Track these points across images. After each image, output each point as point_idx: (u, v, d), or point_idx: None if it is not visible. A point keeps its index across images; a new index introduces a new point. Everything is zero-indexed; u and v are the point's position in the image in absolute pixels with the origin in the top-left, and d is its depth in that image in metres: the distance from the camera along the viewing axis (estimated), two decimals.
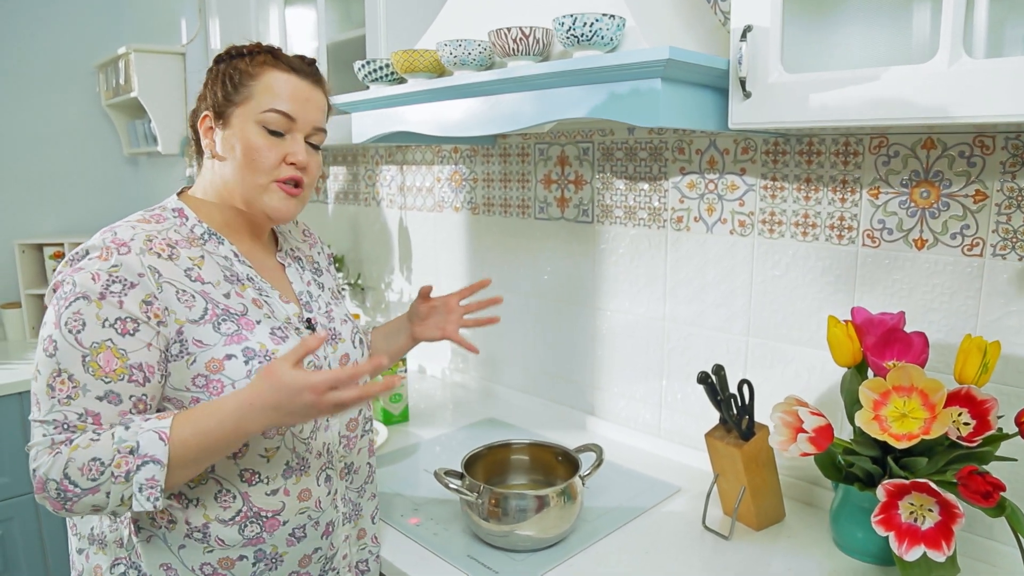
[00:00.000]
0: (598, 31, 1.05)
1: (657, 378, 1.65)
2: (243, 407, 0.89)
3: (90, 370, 0.90)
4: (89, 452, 0.87)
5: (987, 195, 1.14)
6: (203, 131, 1.06)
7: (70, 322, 0.90)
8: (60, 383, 0.90)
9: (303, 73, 1.06)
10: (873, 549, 1.17)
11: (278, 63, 1.04)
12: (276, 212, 1.06)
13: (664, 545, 1.26)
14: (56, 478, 0.87)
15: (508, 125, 1.22)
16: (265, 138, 1.02)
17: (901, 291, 1.25)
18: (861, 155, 1.27)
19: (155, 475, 0.87)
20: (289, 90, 1.03)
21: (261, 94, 1.02)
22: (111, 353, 0.91)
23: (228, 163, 1.04)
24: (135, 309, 0.92)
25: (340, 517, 1.12)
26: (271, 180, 1.04)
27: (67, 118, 3.00)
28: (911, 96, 0.92)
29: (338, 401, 0.89)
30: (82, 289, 0.91)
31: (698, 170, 1.50)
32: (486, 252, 2.02)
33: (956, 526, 0.91)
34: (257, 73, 1.03)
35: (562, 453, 1.37)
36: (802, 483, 1.41)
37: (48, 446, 0.89)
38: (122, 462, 0.87)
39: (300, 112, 1.04)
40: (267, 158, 1.03)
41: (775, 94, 1.04)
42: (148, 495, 0.88)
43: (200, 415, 0.91)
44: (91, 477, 0.87)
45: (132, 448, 0.87)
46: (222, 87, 1.04)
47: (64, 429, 0.90)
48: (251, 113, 1.02)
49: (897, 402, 0.98)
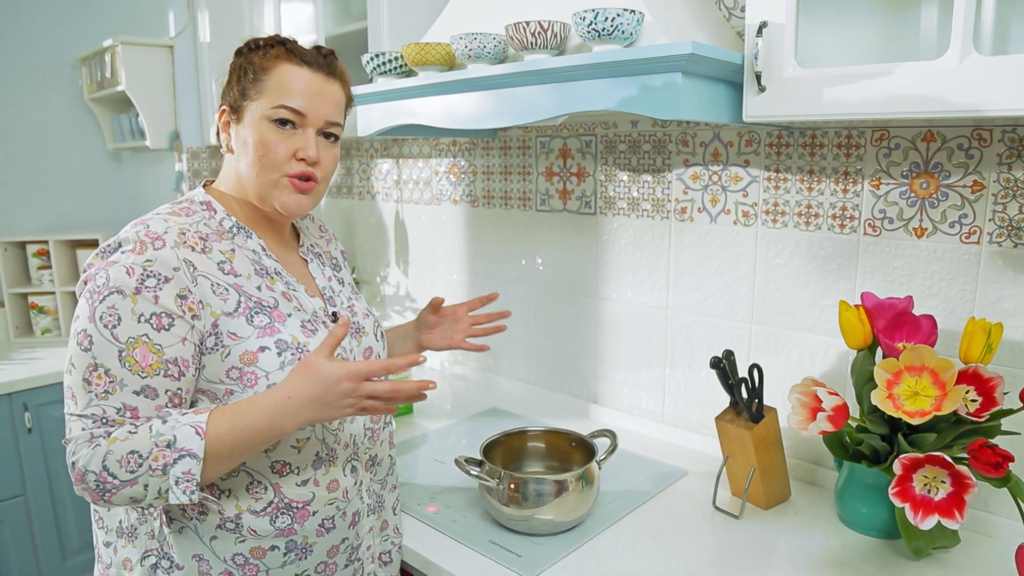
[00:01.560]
0: (619, 26, 1.09)
1: (660, 366, 1.69)
2: (281, 402, 0.91)
3: (127, 365, 0.91)
4: (127, 445, 0.89)
5: (984, 185, 1.20)
6: (221, 126, 1.07)
7: (105, 316, 0.91)
8: (97, 378, 0.91)
9: (316, 66, 1.05)
10: (877, 523, 1.23)
11: (291, 56, 1.04)
12: (286, 207, 1.06)
13: (678, 526, 1.30)
14: (95, 470, 0.88)
15: (525, 117, 1.24)
16: (275, 133, 1.02)
17: (901, 278, 1.30)
18: (863, 147, 1.32)
19: (191, 469, 0.89)
20: (301, 84, 1.03)
21: (273, 89, 1.02)
22: (147, 348, 0.92)
23: (242, 158, 1.05)
24: (170, 304, 0.93)
25: (365, 508, 1.14)
26: (282, 175, 1.04)
27: (49, 113, 2.94)
28: (923, 91, 0.96)
29: (373, 391, 0.93)
30: (116, 283, 0.91)
31: (702, 162, 1.54)
32: (486, 244, 2.05)
33: (968, 496, 0.97)
34: (270, 67, 1.03)
35: (577, 439, 1.40)
36: (806, 463, 1.46)
37: (87, 440, 0.90)
38: (159, 455, 0.88)
39: (311, 106, 1.03)
40: (277, 153, 1.02)
41: (789, 88, 1.08)
42: (184, 488, 0.89)
43: (237, 411, 0.92)
44: (129, 469, 0.88)
45: (169, 442, 0.89)
46: (238, 82, 1.05)
47: (103, 423, 0.91)
48: (263, 108, 1.02)
49: (909, 381, 1.04)
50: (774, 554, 1.21)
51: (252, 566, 1.02)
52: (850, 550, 1.21)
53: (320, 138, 1.06)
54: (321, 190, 1.10)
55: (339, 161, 2.46)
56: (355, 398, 0.93)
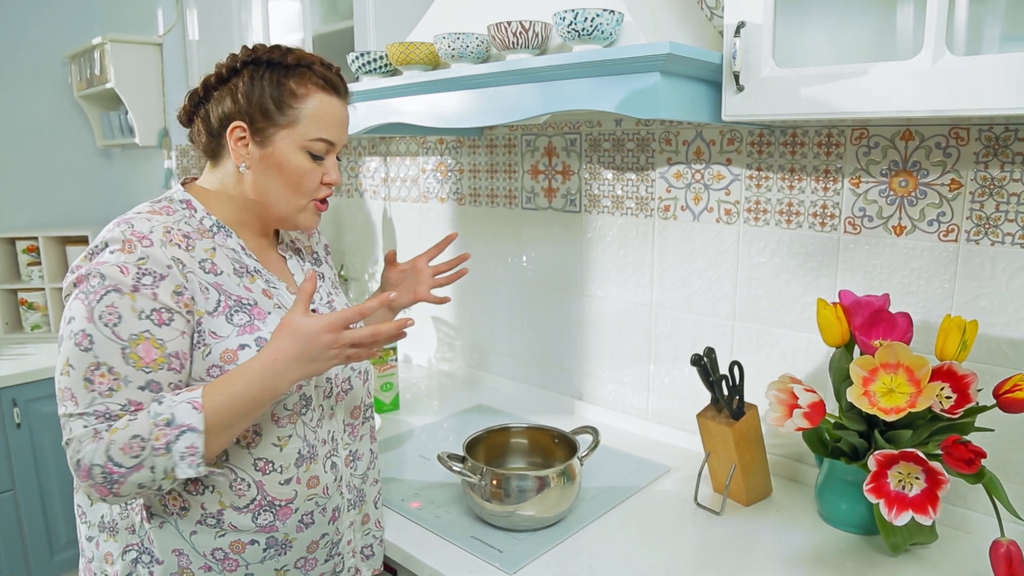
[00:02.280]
0: (599, 26, 1.09)
1: (644, 363, 1.70)
2: (267, 366, 0.93)
3: (130, 362, 0.92)
4: (129, 431, 0.89)
5: (962, 184, 1.21)
6: (232, 139, 1.03)
7: (104, 315, 0.91)
8: (100, 376, 0.91)
9: (341, 93, 1.08)
10: (857, 520, 1.24)
11: (326, 87, 1.05)
12: (309, 227, 1.11)
13: (659, 522, 1.31)
14: (100, 462, 0.89)
15: (507, 116, 1.25)
16: (310, 163, 1.05)
17: (881, 275, 1.31)
18: (843, 146, 1.33)
19: (194, 442, 0.90)
20: (335, 116, 1.06)
21: (308, 119, 1.03)
22: (150, 344, 0.93)
23: (267, 180, 1.05)
24: (168, 300, 0.94)
25: (345, 504, 1.15)
26: (310, 200, 1.08)
27: (38, 110, 2.94)
28: (897, 91, 0.97)
29: (353, 339, 0.95)
30: (113, 282, 0.92)
31: (685, 160, 1.55)
32: (473, 242, 2.05)
33: (941, 492, 0.98)
34: (304, 95, 1.03)
35: (559, 436, 1.41)
36: (787, 460, 1.47)
37: (91, 436, 0.91)
38: (160, 435, 0.89)
39: (340, 136, 1.08)
40: (311, 182, 1.06)
41: (767, 88, 1.09)
42: (189, 462, 0.90)
43: (228, 382, 0.94)
44: (133, 455, 0.89)
45: (168, 420, 0.90)
46: (259, 99, 1.02)
47: (106, 419, 0.91)
48: (298, 138, 1.03)
49: (885, 378, 1.05)
50: (754, 550, 1.22)
51: (232, 560, 1.02)
52: (830, 546, 1.22)
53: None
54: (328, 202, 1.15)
55: None
56: (337, 348, 0.95)
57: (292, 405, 1.04)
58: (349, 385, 1.16)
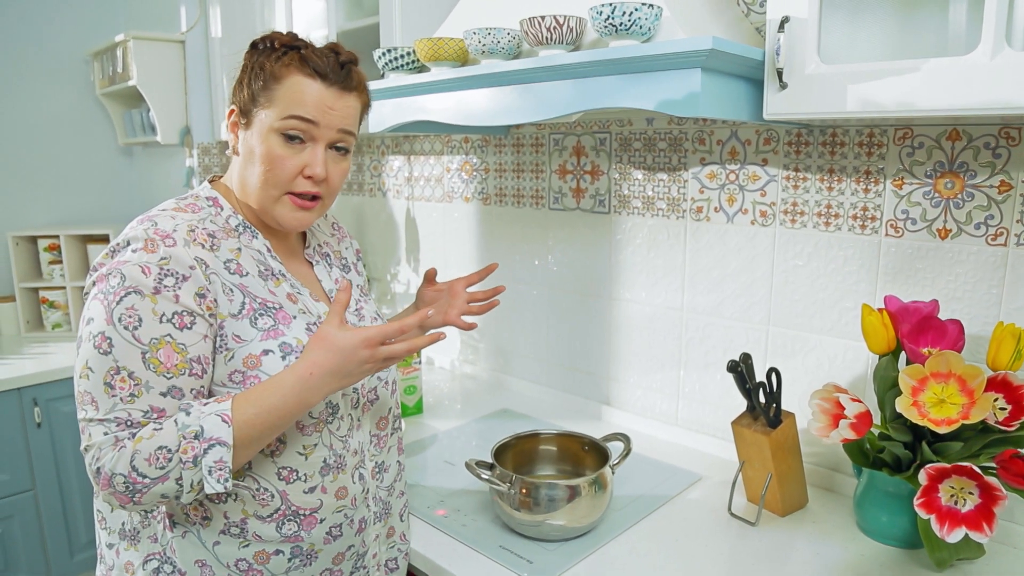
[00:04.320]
0: (636, 20, 1.06)
1: (674, 368, 1.66)
2: (303, 379, 0.91)
3: (151, 367, 0.89)
4: (155, 441, 0.87)
5: (1012, 186, 1.16)
6: (229, 125, 1.03)
7: (124, 318, 0.88)
8: (120, 381, 0.88)
9: (332, 78, 0.98)
10: (898, 532, 1.19)
11: (304, 66, 0.97)
12: (287, 223, 1.03)
13: (692, 532, 1.28)
14: (123, 472, 0.86)
15: (540, 114, 1.21)
16: (283, 147, 0.98)
17: (924, 280, 1.27)
18: (885, 146, 1.28)
19: (223, 456, 0.88)
20: (313, 97, 0.97)
21: (283, 99, 0.97)
22: (171, 348, 0.90)
23: (247, 167, 1.01)
24: (190, 302, 0.91)
25: (372, 516, 1.12)
26: (284, 192, 1.00)
27: (60, 108, 2.94)
28: (951, 88, 0.93)
29: (389, 354, 0.93)
30: (133, 283, 0.89)
31: (719, 160, 1.51)
32: (498, 242, 2.02)
33: (998, 508, 0.94)
34: (281, 75, 0.97)
35: (589, 443, 1.38)
36: (823, 470, 1.43)
37: (111, 444, 0.87)
38: (188, 448, 0.87)
39: (322, 120, 0.98)
40: (284, 169, 0.98)
41: (812, 85, 1.05)
42: (218, 477, 0.88)
43: (261, 394, 0.91)
44: (159, 466, 0.86)
45: (197, 432, 0.87)
46: (248, 85, 1.00)
47: (128, 426, 0.88)
48: (272, 119, 0.97)
49: (935, 388, 1.00)
50: (791, 563, 1.18)
51: (256, 571, 1.00)
52: (869, 560, 1.18)
53: (330, 151, 1.02)
54: (327, 204, 1.06)
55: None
56: (373, 363, 0.94)
57: (318, 413, 1.01)
58: (375, 395, 1.13)
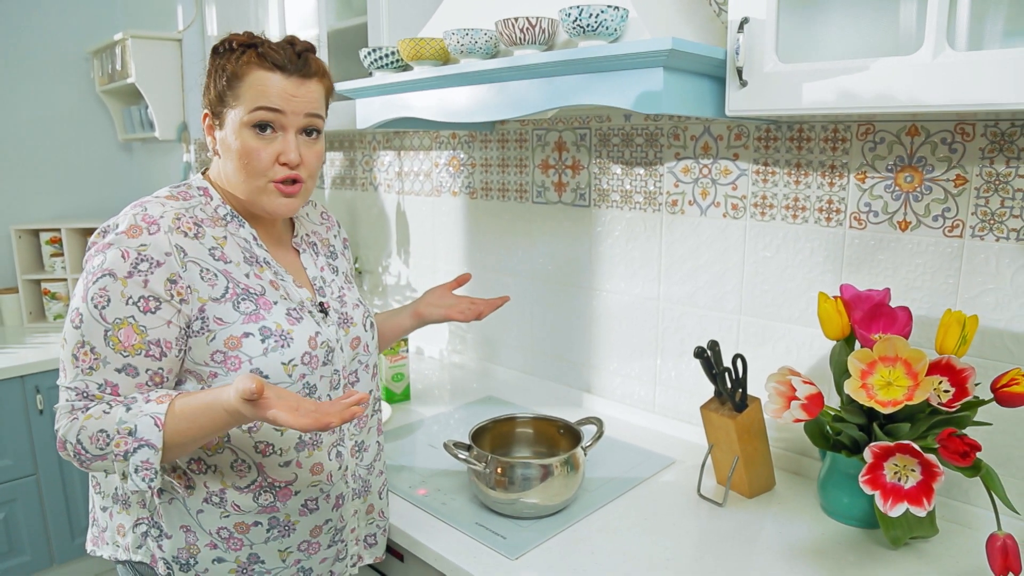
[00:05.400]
0: (603, 22, 1.11)
1: (652, 356, 1.72)
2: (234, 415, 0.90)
3: (110, 344, 0.96)
4: (98, 424, 0.94)
5: (967, 179, 1.21)
6: (205, 128, 1.09)
7: (96, 297, 0.95)
8: (83, 354, 0.96)
9: (290, 68, 1.03)
10: (858, 513, 1.25)
11: (263, 61, 1.02)
12: (276, 211, 1.08)
13: (662, 513, 1.33)
14: (72, 441, 0.95)
15: (515, 111, 1.27)
16: (256, 140, 1.03)
17: (886, 270, 1.32)
18: (849, 141, 1.33)
19: (149, 458, 0.92)
20: (276, 88, 1.02)
21: (246, 95, 1.02)
22: (132, 329, 0.96)
23: (227, 163, 1.06)
24: (159, 288, 0.96)
25: (350, 492, 1.17)
26: (267, 182, 1.05)
27: (62, 104, 3.01)
28: (898, 86, 0.98)
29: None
30: (110, 266, 0.95)
31: (692, 155, 1.56)
32: (484, 235, 2.08)
33: (936, 484, 0.99)
34: (243, 73, 1.02)
35: (564, 426, 1.43)
36: (791, 454, 1.48)
37: (68, 411, 0.97)
38: (121, 442, 0.93)
39: (287, 107, 1.03)
40: (260, 160, 1.03)
41: (770, 83, 1.10)
42: (143, 476, 0.93)
43: (198, 409, 0.93)
44: (99, 447, 0.94)
45: (131, 430, 0.92)
46: (214, 87, 1.05)
47: (84, 397, 0.96)
48: (241, 114, 1.02)
49: (883, 371, 1.06)
50: (756, 542, 1.23)
51: (236, 540, 1.06)
52: (831, 539, 1.23)
53: (302, 137, 1.06)
54: (309, 187, 1.11)
55: (342, 153, 2.51)
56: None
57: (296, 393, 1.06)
58: (356, 378, 1.17)
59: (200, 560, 1.06)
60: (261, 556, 1.08)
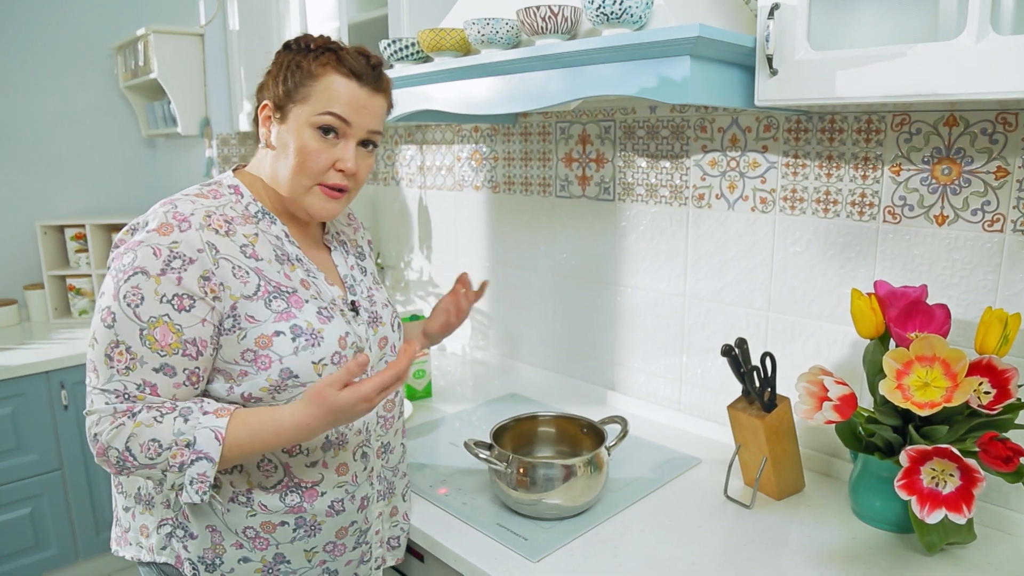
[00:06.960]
0: (627, 8, 1.07)
1: (677, 353, 1.68)
2: (301, 428, 0.95)
3: (147, 343, 0.94)
4: (151, 432, 0.93)
5: (1009, 171, 1.16)
6: (262, 119, 1.08)
7: (128, 296, 0.94)
8: (118, 354, 0.94)
9: (364, 79, 1.05)
10: (891, 517, 1.20)
11: (340, 67, 1.03)
12: (317, 213, 1.08)
13: (687, 514, 1.30)
14: (118, 448, 0.93)
15: (536, 102, 1.24)
16: (318, 141, 1.03)
17: (921, 266, 1.27)
18: (883, 132, 1.29)
19: (206, 471, 0.93)
20: (347, 96, 1.03)
21: (319, 96, 1.02)
22: (167, 328, 0.94)
23: (281, 159, 1.06)
24: (193, 285, 0.95)
25: (375, 494, 1.16)
26: (316, 183, 1.06)
27: (86, 100, 3.03)
28: (938, 73, 0.94)
29: (385, 394, 0.97)
30: (142, 264, 0.94)
31: (720, 148, 1.52)
32: (506, 230, 2.05)
33: (977, 490, 0.95)
34: (319, 74, 1.03)
35: (587, 425, 1.40)
36: (820, 455, 1.44)
37: (111, 414, 0.94)
38: (178, 453, 0.93)
39: (355, 118, 1.04)
40: (317, 162, 1.04)
41: (802, 71, 1.06)
42: (197, 489, 0.94)
43: (259, 424, 0.96)
44: (150, 456, 0.93)
45: (189, 442, 0.93)
46: (284, 82, 1.04)
47: (125, 399, 0.94)
48: (307, 114, 1.03)
49: (920, 371, 1.01)
50: (784, 545, 1.20)
51: (263, 539, 1.05)
52: (862, 544, 1.19)
53: (359, 148, 1.08)
54: (352, 196, 1.12)
55: None
56: (369, 404, 0.96)
57: None
58: None
59: (226, 560, 1.05)
60: (287, 556, 1.07)
